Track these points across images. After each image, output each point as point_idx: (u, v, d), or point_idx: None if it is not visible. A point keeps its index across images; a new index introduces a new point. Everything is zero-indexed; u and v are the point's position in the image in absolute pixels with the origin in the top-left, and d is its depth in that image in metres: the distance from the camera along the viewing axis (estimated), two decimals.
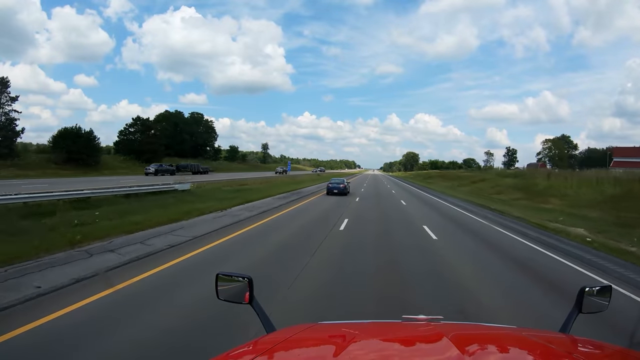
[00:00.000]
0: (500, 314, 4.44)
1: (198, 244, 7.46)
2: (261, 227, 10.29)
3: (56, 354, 3.16)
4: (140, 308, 4.14)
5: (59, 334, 3.43)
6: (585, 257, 8.11)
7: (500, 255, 8.15)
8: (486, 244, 9.47)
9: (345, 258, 7.07)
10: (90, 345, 3.27)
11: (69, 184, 17.55)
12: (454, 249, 8.50)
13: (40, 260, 5.57)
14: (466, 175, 54.98)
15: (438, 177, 64.57)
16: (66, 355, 3.12)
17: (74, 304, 4.07)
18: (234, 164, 73.21)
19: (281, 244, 8.03)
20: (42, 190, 12.45)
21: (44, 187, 15.41)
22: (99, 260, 5.84)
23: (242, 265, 6.09)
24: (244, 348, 1.10)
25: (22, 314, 3.80)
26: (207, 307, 3.95)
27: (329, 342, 1.18)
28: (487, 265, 7.09)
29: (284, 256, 6.89)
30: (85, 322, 3.69)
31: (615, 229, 12.21)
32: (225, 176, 36.68)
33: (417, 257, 7.46)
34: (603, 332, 3.74)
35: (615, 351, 1.19)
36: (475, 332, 1.49)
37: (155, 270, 5.57)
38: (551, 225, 12.90)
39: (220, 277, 1.55)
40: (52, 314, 3.80)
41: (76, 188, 12.81)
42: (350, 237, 9.18)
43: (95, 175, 29.88)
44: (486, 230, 11.73)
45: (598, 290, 1.51)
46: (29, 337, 3.35)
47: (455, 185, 44.01)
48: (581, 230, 11.99)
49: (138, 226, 8.55)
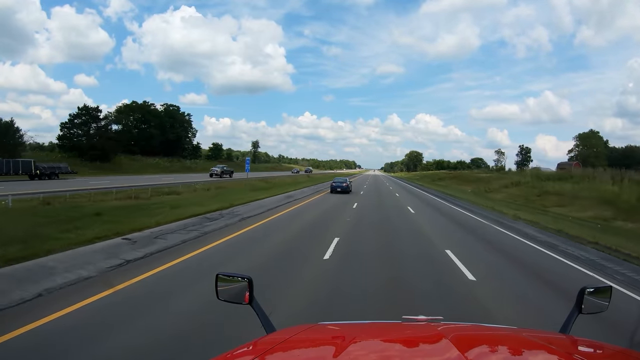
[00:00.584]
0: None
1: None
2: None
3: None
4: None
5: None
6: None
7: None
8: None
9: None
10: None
11: None
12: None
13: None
14: (487, 177, 44.17)
15: (450, 179, 54.34)
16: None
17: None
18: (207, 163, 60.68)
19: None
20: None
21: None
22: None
23: None
24: (244, 348, 1.10)
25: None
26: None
27: (329, 343, 1.18)
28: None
29: None
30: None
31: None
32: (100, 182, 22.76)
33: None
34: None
35: (615, 352, 1.18)
36: (476, 332, 1.46)
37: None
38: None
39: (220, 277, 1.53)
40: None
41: None
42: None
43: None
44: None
45: (598, 290, 1.50)
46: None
47: (481, 190, 33.30)
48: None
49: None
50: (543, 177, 31.88)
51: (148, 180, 26.04)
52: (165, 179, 27.43)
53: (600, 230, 12.44)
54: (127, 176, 32.06)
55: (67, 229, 7.74)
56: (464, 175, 53.60)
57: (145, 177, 31.81)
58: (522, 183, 30.73)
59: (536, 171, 39.36)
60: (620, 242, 10.07)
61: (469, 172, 62.30)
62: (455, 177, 55.59)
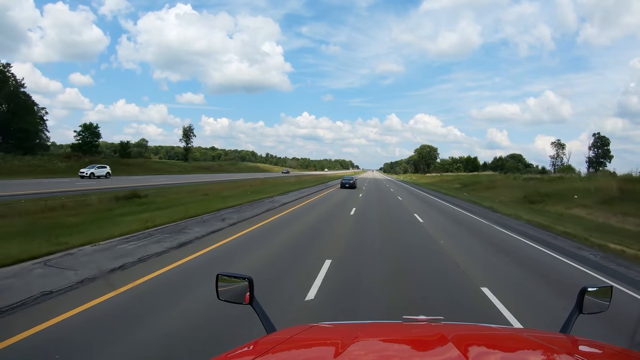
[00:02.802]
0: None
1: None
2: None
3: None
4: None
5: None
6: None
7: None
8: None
9: None
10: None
11: None
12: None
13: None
14: (572, 187, 23.61)
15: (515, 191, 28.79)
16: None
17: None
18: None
19: None
20: None
21: None
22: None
23: None
24: (244, 348, 1.10)
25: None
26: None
27: (330, 343, 1.17)
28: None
29: None
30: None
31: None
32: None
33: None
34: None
35: (616, 352, 1.16)
36: (476, 332, 1.46)
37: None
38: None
39: (220, 277, 1.52)
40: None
41: None
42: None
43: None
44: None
45: (598, 290, 1.49)
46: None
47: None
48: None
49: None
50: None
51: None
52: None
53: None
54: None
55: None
56: (535, 186, 29.07)
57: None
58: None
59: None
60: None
61: (529, 178, 37.04)
62: (510, 186, 32.59)
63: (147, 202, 14.04)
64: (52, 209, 10.75)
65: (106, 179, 30.55)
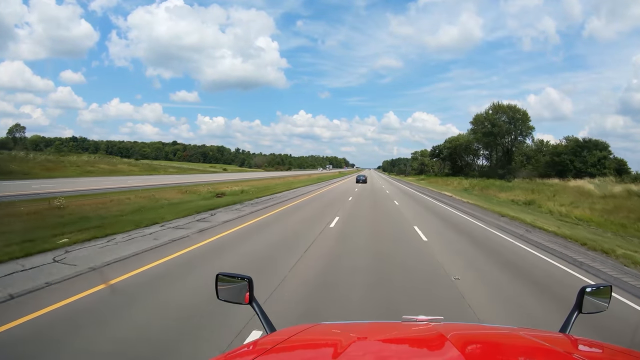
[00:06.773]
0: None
1: None
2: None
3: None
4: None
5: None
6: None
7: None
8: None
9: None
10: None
11: None
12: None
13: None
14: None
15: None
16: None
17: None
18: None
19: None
20: None
21: None
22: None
23: None
24: (244, 349, 1.11)
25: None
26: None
27: (329, 343, 1.17)
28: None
29: None
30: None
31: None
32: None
33: None
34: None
35: (615, 351, 1.16)
36: (475, 332, 1.48)
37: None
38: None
39: (220, 277, 1.53)
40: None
41: None
42: None
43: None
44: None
45: (598, 290, 1.50)
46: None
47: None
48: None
49: None
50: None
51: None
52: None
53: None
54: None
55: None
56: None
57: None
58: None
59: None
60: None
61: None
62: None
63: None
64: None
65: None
